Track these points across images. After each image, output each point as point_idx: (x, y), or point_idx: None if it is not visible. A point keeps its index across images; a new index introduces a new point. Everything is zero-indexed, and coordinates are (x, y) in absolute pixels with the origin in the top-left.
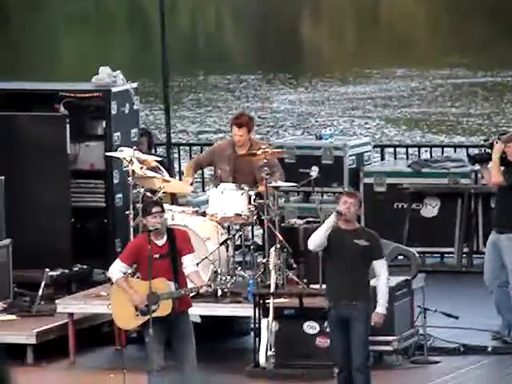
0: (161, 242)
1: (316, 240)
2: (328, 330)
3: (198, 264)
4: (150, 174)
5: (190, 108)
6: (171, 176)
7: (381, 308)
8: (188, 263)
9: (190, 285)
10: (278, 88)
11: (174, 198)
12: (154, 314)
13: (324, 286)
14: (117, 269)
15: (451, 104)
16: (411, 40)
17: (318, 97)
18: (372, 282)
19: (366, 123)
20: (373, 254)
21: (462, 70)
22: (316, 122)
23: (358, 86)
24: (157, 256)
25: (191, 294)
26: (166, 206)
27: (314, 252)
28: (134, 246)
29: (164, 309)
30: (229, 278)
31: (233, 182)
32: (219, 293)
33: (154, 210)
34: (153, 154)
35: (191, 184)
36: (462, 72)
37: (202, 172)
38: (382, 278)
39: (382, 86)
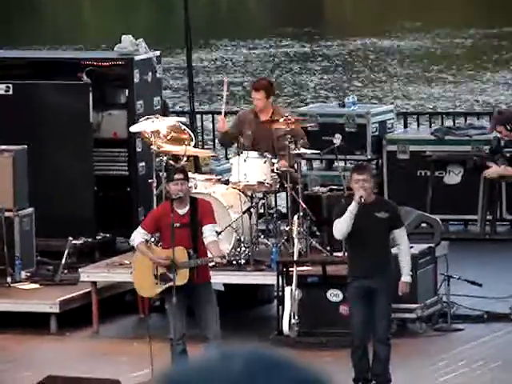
0: (183, 210)
1: (343, 230)
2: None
3: (220, 233)
4: (173, 148)
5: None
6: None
7: (406, 277)
8: (207, 233)
9: (209, 255)
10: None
11: (197, 167)
12: (171, 283)
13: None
14: (138, 235)
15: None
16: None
17: None
18: (393, 250)
19: None
20: (393, 224)
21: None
22: None
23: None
24: (177, 225)
25: (210, 264)
26: (189, 175)
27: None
28: (156, 213)
29: (181, 278)
30: (247, 248)
31: (253, 147)
32: (242, 261)
33: (176, 176)
34: None
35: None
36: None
37: None
38: (403, 247)
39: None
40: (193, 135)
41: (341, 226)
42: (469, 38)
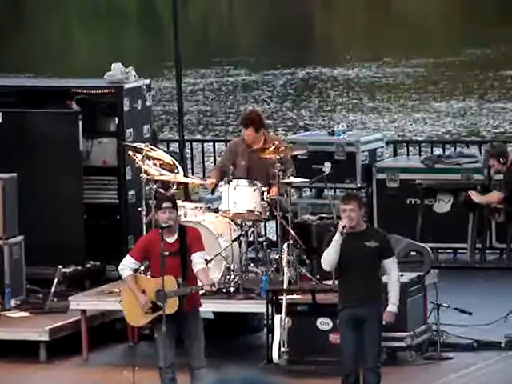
0: (172, 239)
1: (328, 261)
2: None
3: (210, 261)
4: (163, 172)
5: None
6: (184, 173)
7: (392, 307)
8: (196, 261)
9: (199, 283)
10: None
11: (186, 195)
12: (160, 312)
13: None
14: (127, 265)
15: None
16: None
17: None
18: (383, 279)
19: None
20: (383, 254)
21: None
22: None
23: None
24: (166, 253)
25: (200, 292)
26: (179, 203)
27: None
28: (145, 242)
29: (170, 307)
30: (236, 276)
31: (247, 177)
32: (232, 290)
33: (164, 205)
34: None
35: (215, 185)
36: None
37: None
38: (393, 277)
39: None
40: (180, 168)
41: (328, 258)
42: (417, 67)
